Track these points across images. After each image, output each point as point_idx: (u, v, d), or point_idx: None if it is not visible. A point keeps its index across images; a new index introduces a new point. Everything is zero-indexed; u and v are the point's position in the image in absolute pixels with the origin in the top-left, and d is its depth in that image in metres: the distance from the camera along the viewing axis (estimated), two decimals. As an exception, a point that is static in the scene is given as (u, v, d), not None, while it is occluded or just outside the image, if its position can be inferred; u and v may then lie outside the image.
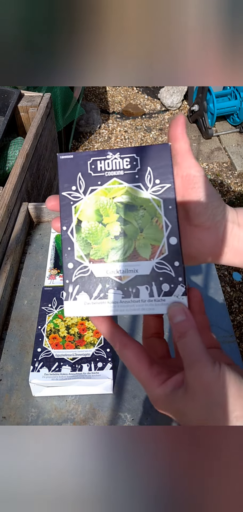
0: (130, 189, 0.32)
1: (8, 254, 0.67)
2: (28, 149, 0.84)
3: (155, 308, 0.30)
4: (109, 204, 0.31)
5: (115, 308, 0.30)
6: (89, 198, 0.31)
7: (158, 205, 0.31)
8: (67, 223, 0.31)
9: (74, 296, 0.30)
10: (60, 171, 0.32)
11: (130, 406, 0.53)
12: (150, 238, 0.31)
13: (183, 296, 0.30)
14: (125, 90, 2.73)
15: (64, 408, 0.53)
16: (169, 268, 0.30)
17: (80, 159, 0.32)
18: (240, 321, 1.42)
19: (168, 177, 0.32)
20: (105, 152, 0.32)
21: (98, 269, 0.30)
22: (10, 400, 0.53)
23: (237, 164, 2.07)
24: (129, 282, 0.30)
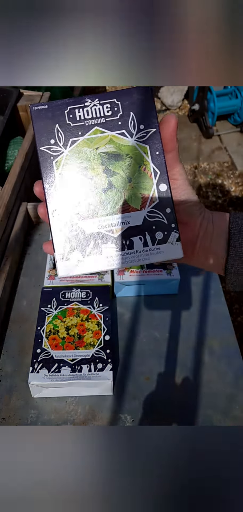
0: (114, 137, 0.30)
1: (7, 254, 0.66)
2: (28, 148, 0.84)
3: (150, 257, 0.29)
4: (93, 155, 0.30)
5: (109, 262, 0.29)
6: (71, 151, 0.30)
7: (145, 151, 0.30)
8: (49, 180, 0.29)
9: (66, 256, 0.29)
10: (35, 124, 0.30)
11: (130, 407, 0.53)
12: (140, 187, 0.30)
13: (178, 242, 0.30)
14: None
15: (64, 410, 0.52)
16: (161, 215, 0.30)
17: (56, 109, 0.30)
18: (240, 322, 1.42)
19: (152, 121, 0.30)
20: (83, 99, 0.30)
21: (89, 225, 0.29)
22: (9, 401, 0.53)
23: (238, 163, 2.07)
24: (121, 234, 0.29)
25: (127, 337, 0.60)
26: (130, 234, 0.29)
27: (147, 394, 0.54)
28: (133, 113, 0.30)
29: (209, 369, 0.57)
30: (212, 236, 0.33)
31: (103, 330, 0.56)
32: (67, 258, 0.29)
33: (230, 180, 2.01)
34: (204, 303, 0.65)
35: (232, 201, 1.91)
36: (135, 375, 0.56)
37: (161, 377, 0.56)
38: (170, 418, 0.52)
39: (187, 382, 0.55)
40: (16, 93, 1.00)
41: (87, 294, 0.61)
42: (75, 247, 0.29)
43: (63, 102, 0.30)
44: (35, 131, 0.30)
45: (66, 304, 0.60)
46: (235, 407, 0.53)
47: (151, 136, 0.30)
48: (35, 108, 0.30)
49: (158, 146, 0.30)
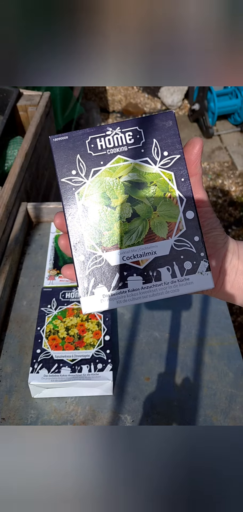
0: (137, 165, 0.29)
1: (7, 254, 0.66)
2: (27, 148, 0.84)
3: (179, 289, 0.28)
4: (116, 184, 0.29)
5: (137, 296, 0.27)
6: (93, 181, 0.29)
7: (170, 178, 0.29)
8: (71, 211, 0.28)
9: (90, 291, 0.28)
10: (55, 155, 0.29)
11: (130, 407, 0.53)
12: (165, 215, 0.29)
13: (208, 272, 0.28)
14: (125, 89, 2.73)
15: (64, 410, 0.52)
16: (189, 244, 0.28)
17: (76, 139, 0.29)
18: (241, 322, 1.42)
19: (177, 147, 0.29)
20: (104, 128, 0.29)
21: (113, 256, 0.28)
22: (9, 401, 0.53)
23: (238, 163, 2.07)
24: (148, 265, 0.28)
25: (127, 337, 0.60)
26: (157, 265, 0.28)
27: (147, 394, 0.54)
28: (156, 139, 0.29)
29: (209, 369, 0.57)
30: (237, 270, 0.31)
31: (103, 331, 0.56)
32: (92, 292, 0.28)
33: (230, 180, 2.01)
34: (204, 303, 0.65)
35: (232, 201, 1.91)
36: (135, 375, 0.56)
37: (161, 377, 0.56)
38: (170, 418, 0.52)
39: (187, 382, 0.55)
40: (16, 93, 1.00)
41: (87, 294, 0.61)
42: (99, 281, 0.28)
43: (84, 132, 0.29)
44: (56, 162, 0.29)
45: (66, 304, 0.60)
46: (235, 407, 0.53)
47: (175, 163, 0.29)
48: (55, 139, 0.29)
49: (184, 172, 0.29)
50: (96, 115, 2.34)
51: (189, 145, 0.30)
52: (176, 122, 0.30)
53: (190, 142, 0.29)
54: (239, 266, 0.31)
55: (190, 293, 0.28)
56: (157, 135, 0.30)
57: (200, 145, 0.29)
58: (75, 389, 0.52)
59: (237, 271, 0.31)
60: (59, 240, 0.29)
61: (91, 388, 0.52)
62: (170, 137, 0.29)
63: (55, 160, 0.29)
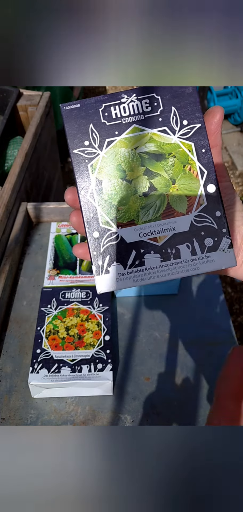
0: (154, 135, 0.27)
1: (7, 254, 0.66)
2: (27, 148, 0.84)
3: (200, 267, 0.26)
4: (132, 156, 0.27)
5: (154, 274, 0.26)
6: (107, 153, 0.27)
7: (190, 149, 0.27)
8: (84, 185, 0.27)
9: (105, 269, 0.26)
10: (66, 125, 0.27)
11: (130, 407, 0.53)
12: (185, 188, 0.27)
13: (230, 249, 0.26)
14: (125, 89, 2.73)
15: (64, 410, 0.52)
16: (211, 220, 0.27)
17: (89, 107, 0.28)
18: (241, 322, 1.42)
19: (197, 115, 0.27)
20: (119, 95, 0.28)
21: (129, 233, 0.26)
22: (9, 401, 0.53)
23: (238, 163, 2.07)
24: (166, 242, 0.26)
25: (127, 337, 0.60)
26: (176, 241, 0.26)
27: (147, 394, 0.54)
28: (175, 108, 0.28)
29: (209, 369, 0.57)
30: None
31: (103, 330, 0.56)
32: (107, 271, 0.26)
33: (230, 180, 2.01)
34: (204, 303, 0.65)
35: (232, 201, 1.91)
36: (135, 375, 0.56)
37: (161, 377, 0.56)
38: (170, 418, 0.52)
39: (187, 382, 0.55)
40: (16, 93, 1.00)
41: (87, 294, 0.61)
42: (114, 259, 0.26)
43: (97, 99, 0.28)
44: (67, 132, 0.27)
45: (66, 304, 0.60)
46: (235, 407, 0.53)
47: (195, 132, 0.27)
48: (66, 107, 0.28)
49: (205, 142, 0.27)
50: (96, 115, 2.34)
51: (208, 114, 0.28)
52: (196, 90, 0.28)
53: (210, 111, 0.28)
54: None
55: (211, 271, 0.27)
56: (176, 103, 0.28)
57: (221, 114, 0.27)
58: (75, 389, 0.52)
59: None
60: (70, 217, 0.28)
61: (91, 388, 0.52)
62: (190, 104, 0.28)
63: (67, 130, 0.27)
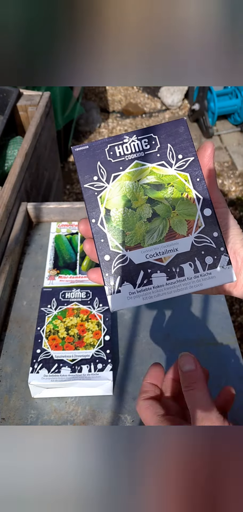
0: (154, 169, 0.31)
1: (7, 254, 0.66)
2: (27, 148, 0.84)
3: (203, 283, 0.29)
4: (136, 187, 0.31)
5: (162, 291, 0.29)
6: (113, 185, 0.31)
7: (186, 179, 0.31)
8: (95, 215, 0.30)
9: (117, 289, 0.29)
10: (77, 164, 0.31)
11: (130, 407, 0.53)
12: (184, 213, 0.30)
13: (229, 266, 0.29)
14: (125, 89, 2.73)
15: (64, 410, 0.52)
16: (209, 240, 0.30)
17: (96, 148, 0.31)
18: (241, 322, 1.42)
19: (190, 150, 0.31)
20: (121, 136, 0.32)
21: (137, 255, 0.29)
22: (9, 401, 0.53)
23: (238, 163, 2.07)
24: (171, 262, 0.29)
25: (127, 337, 0.60)
26: (179, 261, 0.29)
27: (147, 394, 0.54)
28: (170, 144, 0.31)
29: (209, 369, 0.57)
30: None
31: (103, 330, 0.56)
32: (118, 290, 0.29)
33: (230, 180, 2.01)
34: (204, 303, 0.65)
35: (232, 201, 1.91)
36: (135, 375, 0.56)
37: (161, 377, 0.56)
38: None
39: (187, 382, 0.55)
40: (16, 93, 1.00)
41: (87, 294, 0.61)
42: (125, 279, 0.29)
43: (103, 141, 0.32)
44: (78, 170, 0.31)
45: (66, 304, 0.60)
46: (235, 407, 0.53)
47: (190, 164, 0.31)
48: (77, 149, 0.31)
49: (198, 172, 0.31)
50: (96, 115, 2.34)
51: (201, 149, 0.31)
52: (188, 128, 0.32)
53: (202, 147, 0.31)
54: None
55: (213, 287, 0.29)
56: (171, 140, 0.31)
57: (211, 148, 0.31)
58: (75, 389, 0.52)
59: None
60: (84, 245, 0.31)
61: (91, 388, 0.52)
62: (183, 141, 0.31)
63: (78, 168, 0.31)
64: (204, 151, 0.31)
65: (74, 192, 1.94)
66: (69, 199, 1.90)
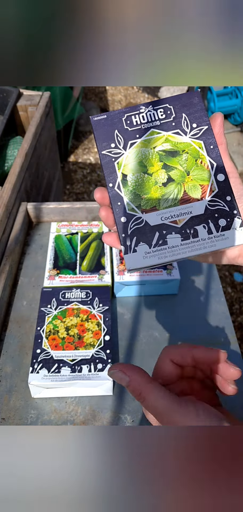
0: (169, 137, 0.32)
1: (7, 254, 0.66)
2: (27, 148, 0.84)
3: (216, 244, 0.30)
4: (151, 153, 0.32)
5: (176, 252, 0.30)
6: (130, 152, 0.32)
7: (200, 146, 0.32)
8: (112, 179, 0.31)
9: (133, 248, 0.30)
10: (95, 132, 0.32)
11: (130, 407, 0.53)
12: (198, 178, 0.31)
13: (242, 228, 0.30)
14: (125, 89, 2.73)
15: (64, 410, 0.52)
16: (222, 203, 0.31)
17: (114, 117, 0.33)
18: (241, 322, 1.42)
19: (204, 119, 0.33)
20: (138, 107, 0.33)
21: (152, 217, 0.31)
22: (9, 401, 0.53)
23: (238, 163, 2.07)
24: (185, 224, 0.30)
25: (127, 337, 0.60)
26: (193, 223, 0.30)
27: (147, 394, 0.54)
28: (185, 114, 0.33)
29: (209, 369, 0.57)
30: None
31: (103, 331, 0.56)
32: (135, 250, 0.30)
33: (230, 180, 2.01)
34: (204, 303, 0.65)
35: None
36: (135, 375, 0.56)
37: (161, 377, 0.56)
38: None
39: (187, 382, 0.55)
40: (16, 93, 1.00)
41: (87, 294, 0.61)
42: (141, 240, 0.30)
43: (120, 111, 0.33)
44: (96, 138, 0.32)
45: (66, 304, 0.60)
46: (235, 407, 0.53)
47: (204, 133, 0.32)
48: (95, 118, 0.33)
49: (212, 140, 0.32)
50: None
51: (211, 119, 0.33)
52: (202, 99, 0.33)
53: (212, 117, 0.33)
54: None
55: (226, 247, 0.30)
56: (185, 110, 0.33)
57: (221, 118, 0.32)
58: (75, 389, 0.52)
59: None
60: (100, 212, 0.31)
61: (91, 388, 0.52)
62: (197, 111, 0.33)
63: (96, 136, 0.32)
64: (215, 121, 0.32)
65: (74, 192, 1.94)
66: (69, 199, 1.90)
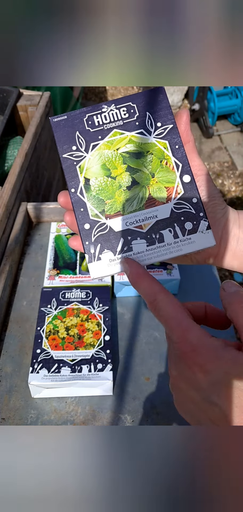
0: (133, 137, 0.31)
1: (7, 254, 0.66)
2: (27, 148, 0.84)
3: (182, 248, 0.29)
4: (115, 156, 0.31)
5: (142, 258, 0.29)
6: (93, 155, 0.31)
7: (165, 147, 0.31)
8: (74, 184, 0.30)
9: (97, 256, 0.29)
10: (56, 134, 0.31)
11: (130, 407, 0.53)
12: (163, 180, 0.30)
13: (208, 230, 0.29)
14: (125, 89, 2.73)
15: (64, 410, 0.52)
16: (188, 206, 0.30)
17: (74, 118, 0.31)
18: (240, 321, 1.42)
19: (169, 117, 0.31)
20: (100, 106, 0.32)
21: (117, 223, 0.30)
22: (9, 401, 0.53)
23: (238, 163, 2.07)
24: (150, 229, 0.29)
25: (127, 337, 0.60)
26: (159, 227, 0.29)
27: (147, 394, 0.54)
28: (149, 113, 0.31)
29: (209, 369, 0.57)
30: (238, 238, 0.31)
31: (103, 331, 0.56)
32: (99, 258, 0.29)
33: (230, 180, 2.01)
34: (204, 303, 0.65)
35: (232, 201, 1.91)
36: (135, 375, 0.56)
37: (161, 377, 0.56)
38: (170, 418, 0.52)
39: (187, 382, 0.55)
40: (16, 93, 1.00)
41: (87, 294, 0.61)
42: (105, 247, 0.29)
43: (81, 111, 0.31)
44: (57, 140, 0.31)
45: (66, 304, 0.60)
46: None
47: (169, 132, 0.31)
48: (55, 119, 0.31)
49: (177, 140, 0.31)
50: (96, 115, 2.34)
51: (176, 117, 0.31)
52: (167, 96, 0.32)
53: (177, 114, 0.31)
54: (240, 235, 0.31)
55: (193, 251, 0.29)
56: (149, 108, 0.31)
57: (186, 114, 0.31)
58: (75, 389, 0.52)
59: (239, 239, 0.31)
60: (64, 217, 0.31)
61: (91, 388, 0.52)
62: (162, 109, 0.31)
63: (56, 138, 0.31)
64: (180, 119, 0.31)
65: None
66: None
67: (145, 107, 0.31)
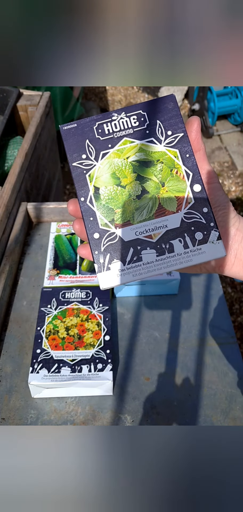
0: (143, 146, 0.31)
1: (7, 254, 0.66)
2: (27, 148, 0.84)
3: (193, 259, 0.29)
4: (125, 164, 0.30)
5: (151, 268, 0.29)
6: (102, 163, 0.30)
7: (175, 155, 0.31)
8: (84, 193, 0.30)
9: (106, 266, 0.29)
10: (65, 142, 0.31)
11: (130, 407, 0.53)
12: (174, 190, 0.30)
13: (219, 241, 0.29)
14: (125, 89, 2.73)
15: (64, 410, 0.52)
16: (199, 215, 0.29)
17: (84, 126, 0.31)
18: (241, 322, 1.42)
19: (179, 126, 0.31)
20: (110, 114, 0.31)
21: (126, 232, 0.29)
22: (9, 401, 0.53)
23: (238, 163, 2.07)
24: (160, 238, 0.29)
25: (127, 337, 0.60)
26: (169, 237, 0.29)
27: (147, 394, 0.54)
28: (159, 121, 0.31)
29: (209, 369, 0.57)
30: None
31: (103, 331, 0.56)
32: (108, 268, 0.29)
33: (230, 180, 2.01)
34: (204, 303, 0.65)
35: (232, 201, 1.91)
36: (135, 375, 0.56)
37: (161, 377, 0.56)
38: (170, 418, 0.52)
39: (187, 382, 0.55)
40: (16, 93, 1.00)
41: (87, 294, 0.61)
42: (114, 257, 0.29)
43: (91, 119, 0.31)
44: (67, 148, 0.31)
45: (66, 304, 0.60)
46: (235, 407, 0.53)
47: (179, 140, 0.31)
48: (65, 127, 0.31)
49: (188, 148, 0.31)
50: (96, 115, 2.34)
51: (187, 124, 0.31)
52: (177, 104, 0.31)
53: (188, 121, 0.31)
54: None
55: (203, 262, 0.29)
56: (160, 117, 0.31)
57: (197, 122, 0.31)
58: (75, 389, 0.52)
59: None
60: (73, 225, 0.30)
61: (91, 388, 0.52)
62: (172, 117, 0.31)
63: (66, 146, 0.31)
64: (191, 126, 0.31)
65: (74, 192, 1.94)
66: (69, 199, 1.90)
67: (155, 115, 0.31)
